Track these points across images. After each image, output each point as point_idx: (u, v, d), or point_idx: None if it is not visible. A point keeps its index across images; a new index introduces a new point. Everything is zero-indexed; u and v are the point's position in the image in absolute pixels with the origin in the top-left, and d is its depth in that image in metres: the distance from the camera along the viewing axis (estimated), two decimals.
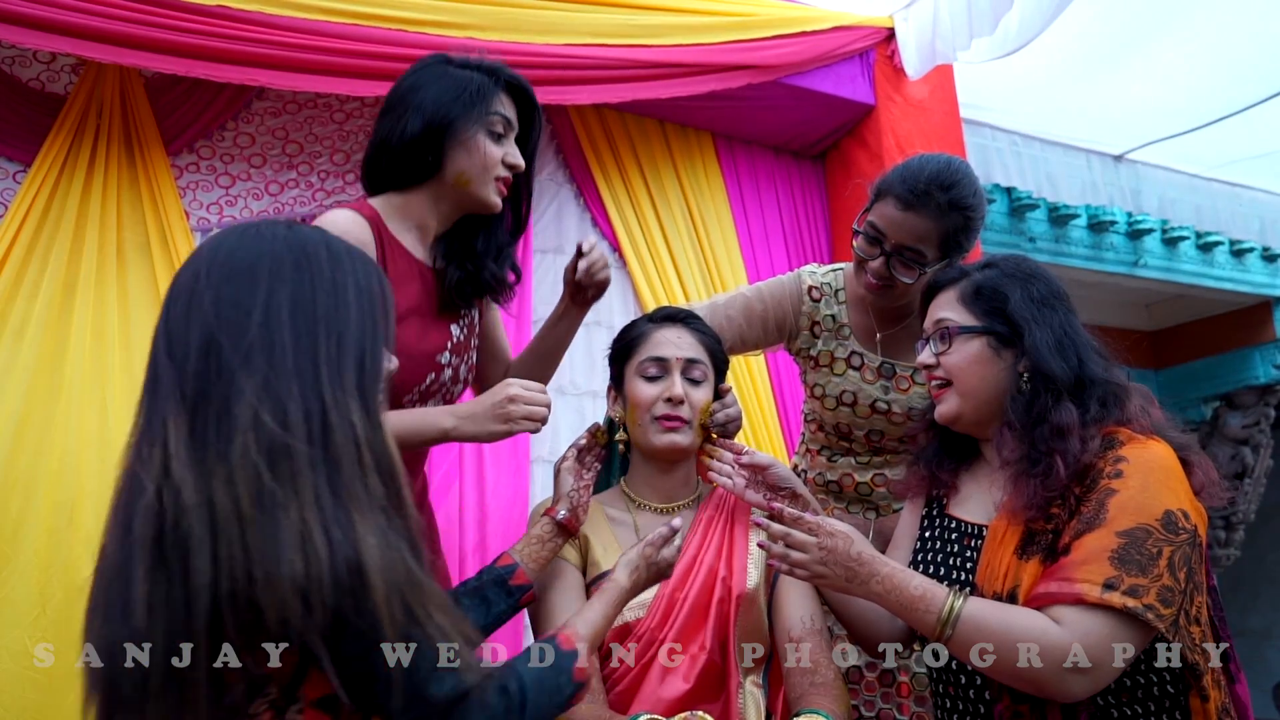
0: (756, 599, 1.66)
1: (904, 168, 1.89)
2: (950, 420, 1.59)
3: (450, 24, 2.76)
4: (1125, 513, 1.36)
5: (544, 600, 1.64)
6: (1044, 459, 1.44)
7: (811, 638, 1.62)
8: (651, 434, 1.70)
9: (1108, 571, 1.32)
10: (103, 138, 2.66)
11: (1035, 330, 1.52)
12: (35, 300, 2.49)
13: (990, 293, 1.57)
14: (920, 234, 1.84)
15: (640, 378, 1.72)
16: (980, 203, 1.89)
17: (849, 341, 2.04)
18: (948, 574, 1.54)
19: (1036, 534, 1.43)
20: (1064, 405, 1.47)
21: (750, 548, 1.70)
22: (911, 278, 1.88)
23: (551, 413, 3.09)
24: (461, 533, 2.79)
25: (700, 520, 1.73)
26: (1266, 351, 5.50)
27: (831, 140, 3.75)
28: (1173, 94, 4.07)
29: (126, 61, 2.45)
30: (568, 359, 3.20)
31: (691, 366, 1.72)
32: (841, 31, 3.47)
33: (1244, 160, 4.67)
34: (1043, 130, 4.35)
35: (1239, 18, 3.59)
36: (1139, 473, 1.40)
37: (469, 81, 1.68)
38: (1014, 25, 3.26)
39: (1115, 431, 1.46)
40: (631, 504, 1.76)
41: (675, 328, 1.75)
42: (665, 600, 1.63)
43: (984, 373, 1.55)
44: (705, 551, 1.68)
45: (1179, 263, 5.04)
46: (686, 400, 1.69)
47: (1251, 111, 4.14)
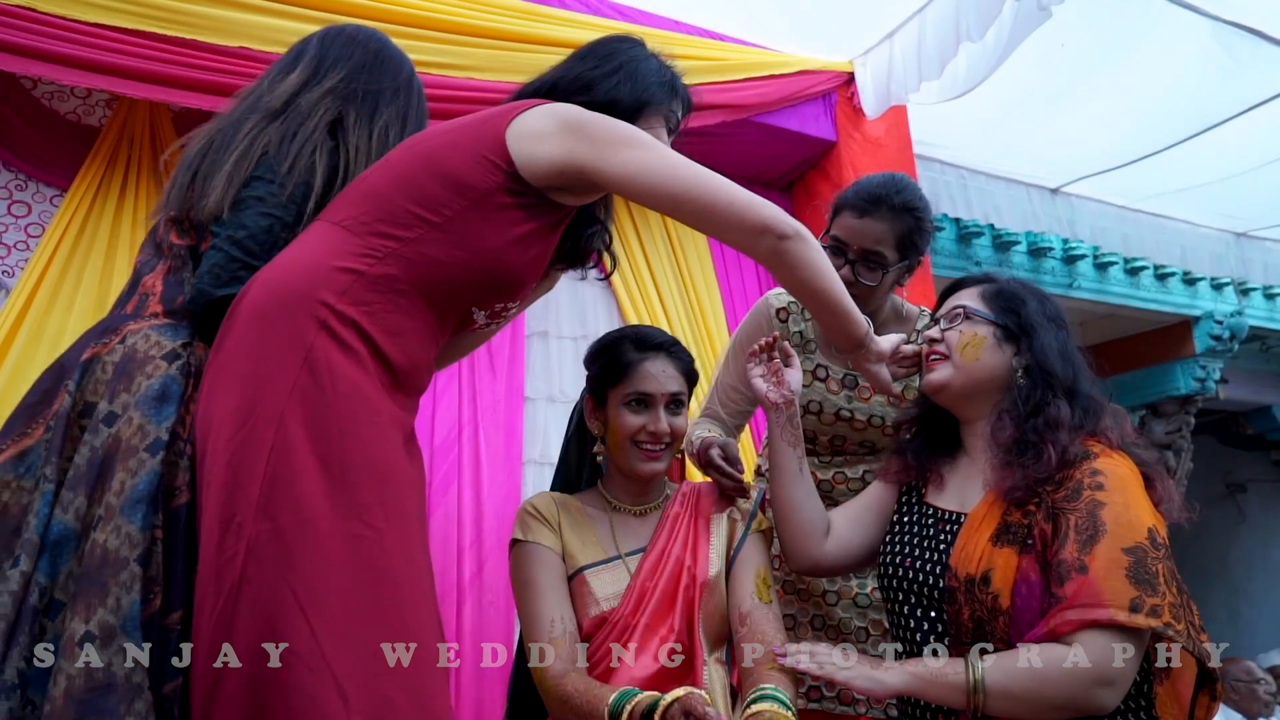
0: (718, 586, 1.67)
1: (855, 184, 1.95)
2: (937, 388, 1.59)
3: (452, 65, 2.76)
4: (1121, 527, 1.34)
5: (530, 585, 1.64)
6: (1033, 447, 1.44)
7: (758, 610, 1.63)
8: (633, 460, 1.71)
9: (1129, 591, 1.29)
10: (133, 167, 2.65)
11: (1044, 335, 1.54)
12: (70, 313, 2.48)
13: (1010, 296, 1.60)
14: (878, 236, 1.87)
15: (624, 407, 1.71)
16: (926, 206, 1.93)
17: (814, 355, 2.05)
18: (924, 555, 1.52)
19: (1012, 525, 1.42)
20: (1060, 402, 1.48)
21: (712, 539, 1.71)
22: (875, 280, 1.89)
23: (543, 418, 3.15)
24: (460, 529, 2.78)
25: (668, 516, 1.74)
26: (1186, 365, 5.54)
27: (797, 173, 3.77)
28: (1104, 134, 4.12)
29: (156, 97, 2.46)
30: (557, 367, 3.23)
31: (673, 399, 1.72)
32: (806, 75, 3.49)
33: (1167, 194, 4.72)
34: (987, 165, 4.39)
35: (1161, 69, 3.65)
36: (1119, 488, 1.38)
37: (666, 73, 1.58)
38: (961, 72, 3.30)
39: (1088, 443, 1.46)
40: (608, 505, 1.78)
41: (660, 359, 1.73)
42: (636, 590, 1.64)
43: (982, 355, 1.55)
44: (672, 544, 1.70)
45: (1109, 285, 5.07)
46: (669, 430, 1.70)
47: (1173, 150, 4.20)
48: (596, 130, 1.33)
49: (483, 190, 1.29)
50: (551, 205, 1.37)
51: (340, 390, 1.18)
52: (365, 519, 1.15)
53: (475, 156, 1.30)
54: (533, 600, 1.63)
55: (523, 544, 1.68)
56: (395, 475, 1.21)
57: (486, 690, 2.64)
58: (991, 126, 4.00)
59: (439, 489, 2.79)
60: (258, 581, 1.09)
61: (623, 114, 1.45)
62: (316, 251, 1.27)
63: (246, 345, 1.20)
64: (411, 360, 1.29)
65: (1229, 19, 3.42)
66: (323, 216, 1.34)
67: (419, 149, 1.35)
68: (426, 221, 1.28)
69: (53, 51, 2.29)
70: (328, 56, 1.50)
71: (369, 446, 1.18)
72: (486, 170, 1.30)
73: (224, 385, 1.19)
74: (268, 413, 1.15)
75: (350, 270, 1.24)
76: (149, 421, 1.21)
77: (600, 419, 1.77)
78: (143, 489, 1.16)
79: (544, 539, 1.68)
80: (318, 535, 1.11)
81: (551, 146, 1.31)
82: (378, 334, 1.23)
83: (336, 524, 1.13)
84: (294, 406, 1.15)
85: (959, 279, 1.71)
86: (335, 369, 1.18)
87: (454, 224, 1.28)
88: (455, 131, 1.36)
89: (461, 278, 1.31)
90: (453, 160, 1.31)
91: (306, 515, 1.12)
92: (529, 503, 1.75)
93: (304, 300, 1.21)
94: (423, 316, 1.29)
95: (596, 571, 1.67)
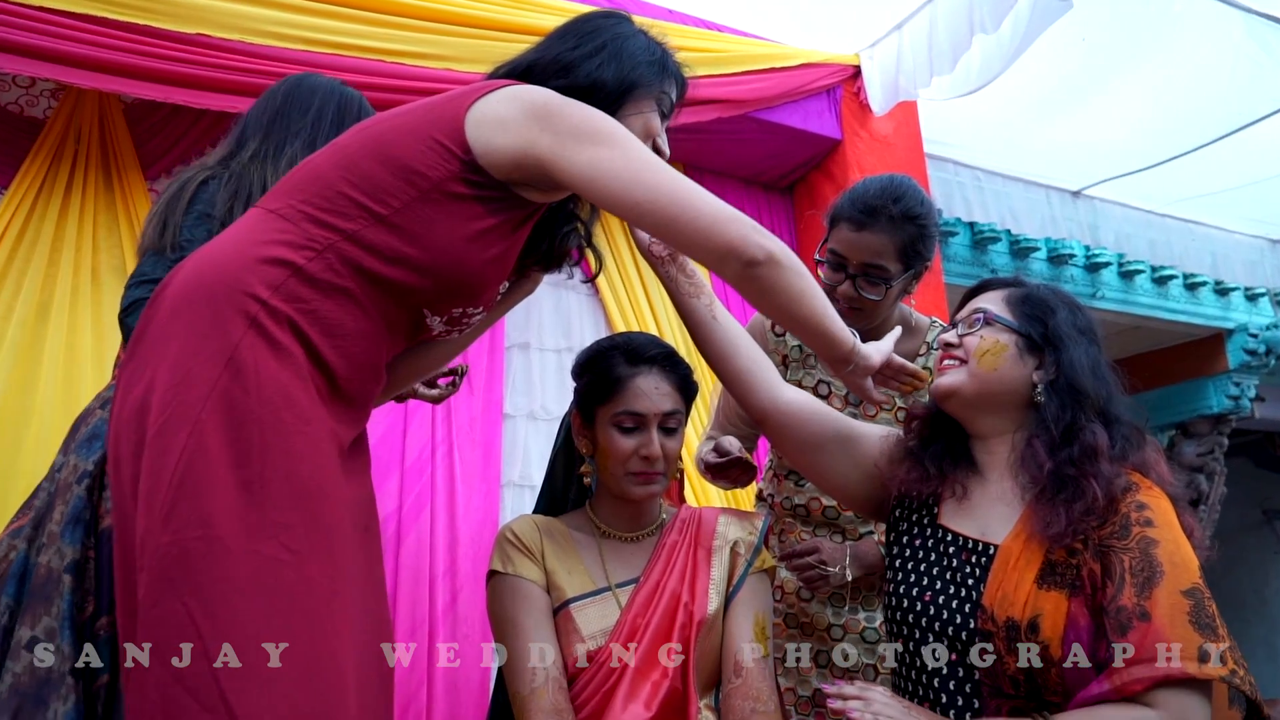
0: (716, 624, 1.65)
1: (851, 192, 1.93)
2: (947, 393, 1.55)
3: (427, 55, 2.78)
4: (1177, 568, 1.32)
5: (511, 624, 1.62)
6: (1072, 482, 1.40)
7: (756, 665, 1.61)
8: (625, 485, 1.68)
9: (1195, 639, 1.27)
10: (80, 162, 2.65)
11: (1074, 348, 1.50)
12: (9, 322, 2.47)
13: (1037, 302, 1.56)
14: (879, 249, 1.87)
15: (615, 428, 1.68)
16: (930, 211, 1.91)
17: (816, 370, 2.05)
18: (947, 590, 1.47)
19: (1058, 565, 1.38)
20: (1096, 426, 1.44)
21: (712, 573, 1.69)
22: (879, 295, 1.89)
23: (523, 437, 3.15)
24: (432, 556, 2.77)
25: (664, 545, 1.72)
26: (1219, 382, 5.57)
27: (799, 173, 3.79)
28: (1129, 134, 4.15)
29: (106, 87, 2.45)
30: (539, 382, 3.24)
31: (668, 418, 1.69)
32: (809, 68, 3.51)
33: (1196, 198, 4.76)
34: (1004, 166, 4.42)
35: (1191, 61, 3.68)
36: (1168, 525, 1.37)
37: (655, 50, 1.53)
38: (975, 65, 3.33)
39: (1128, 473, 1.43)
40: (597, 531, 1.75)
41: (653, 374, 1.70)
42: (627, 627, 1.61)
43: (1001, 365, 1.51)
44: (668, 576, 1.67)
45: (1135, 295, 5.10)
46: (663, 453, 1.68)
47: (1203, 151, 4.24)
48: (563, 121, 1.29)
49: (435, 179, 1.26)
50: (516, 200, 1.34)
51: (266, 394, 1.14)
52: (283, 541, 1.10)
53: (428, 141, 1.27)
54: (513, 641, 1.60)
55: (502, 576, 1.66)
56: (325, 493, 1.16)
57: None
58: (1008, 124, 4.03)
59: (410, 513, 2.79)
60: (154, 601, 1.06)
61: (609, 98, 1.42)
62: (247, 239, 1.23)
63: (165, 339, 1.16)
64: (353, 365, 1.25)
65: (1262, 10, 3.46)
66: (260, 203, 1.31)
67: (370, 131, 1.32)
68: (370, 212, 1.24)
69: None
70: (249, 123, 1.79)
71: (295, 460, 1.14)
72: (440, 157, 1.26)
73: (139, 382, 1.16)
74: (183, 414, 1.11)
75: (285, 262, 1.20)
76: (80, 459, 1.55)
77: (588, 438, 1.74)
78: (72, 512, 1.51)
79: (525, 570, 1.65)
80: (225, 556, 1.07)
81: (511, 136, 1.28)
82: (315, 334, 1.20)
83: (248, 544, 1.08)
84: (213, 409, 1.11)
85: (984, 280, 1.67)
86: (262, 370, 1.14)
87: (402, 216, 1.25)
88: (412, 113, 1.32)
89: (409, 277, 1.27)
90: (404, 144, 1.27)
91: (215, 532, 1.07)
92: (508, 528, 1.72)
93: (230, 291, 1.17)
94: (367, 318, 1.26)
95: (583, 605, 1.64)
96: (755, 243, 1.32)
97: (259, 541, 1.09)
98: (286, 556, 1.10)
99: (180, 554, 1.07)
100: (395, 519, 2.76)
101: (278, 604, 1.09)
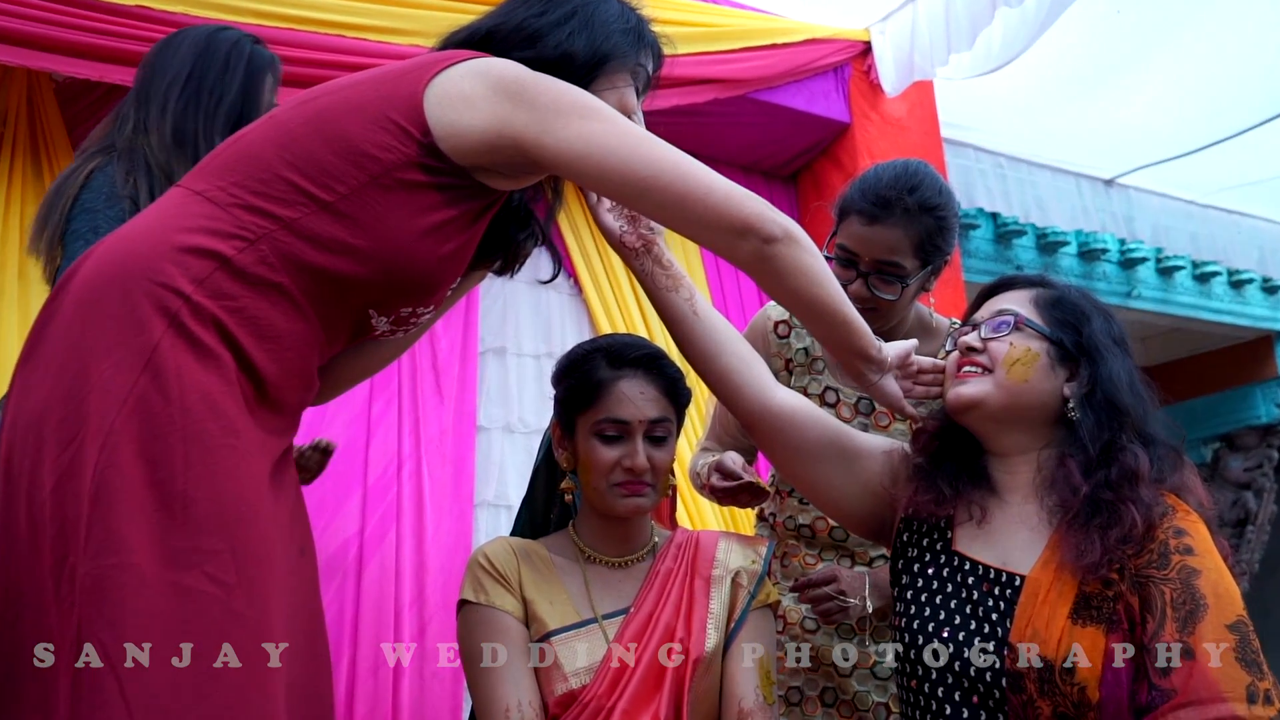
0: (714, 664, 1.64)
1: (862, 180, 1.92)
2: (968, 405, 1.52)
3: (395, 30, 2.77)
4: (1221, 601, 1.33)
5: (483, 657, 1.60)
6: (1109, 507, 1.39)
7: (761, 712, 1.61)
8: (610, 499, 1.67)
9: (1243, 678, 1.28)
10: (6, 147, 2.63)
11: (1112, 360, 1.49)
12: None
13: (1071, 307, 1.55)
14: (893, 245, 1.86)
15: (596, 437, 1.66)
16: (949, 200, 1.91)
17: (823, 376, 2.05)
18: (968, 625, 1.46)
19: (1093, 598, 1.38)
20: (1136, 448, 1.43)
21: (711, 604, 1.67)
22: (894, 294, 1.89)
23: (498, 452, 3.14)
24: (398, 584, 2.76)
25: (657, 572, 1.70)
26: (1268, 389, 5.59)
27: (804, 160, 3.80)
28: (1167, 116, 4.16)
29: (35, 65, 2.44)
30: (516, 391, 3.23)
31: (655, 426, 1.68)
32: (815, 44, 3.52)
33: (1242, 186, 4.79)
34: (1030, 152, 4.44)
35: (1235, 36, 3.69)
36: (1208, 553, 1.37)
37: (630, 17, 1.52)
38: (996, 41, 3.34)
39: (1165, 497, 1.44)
40: (581, 555, 1.74)
41: (638, 378, 1.68)
42: (615, 664, 1.59)
43: (1031, 376, 1.50)
44: (662, 608, 1.65)
45: (1174, 294, 5.13)
46: (650, 465, 1.66)
47: (1249, 135, 4.26)
48: (540, 95, 1.27)
49: (388, 164, 1.24)
50: (476, 189, 1.32)
51: (189, 402, 1.11)
52: (208, 570, 1.08)
53: (381, 120, 1.24)
54: (486, 681, 1.59)
55: (474, 607, 1.64)
56: (255, 514, 1.14)
57: None
58: (1033, 106, 4.05)
59: (373, 537, 2.77)
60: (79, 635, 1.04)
61: (579, 71, 1.40)
62: (168, 223, 1.20)
63: (71, 337, 1.13)
64: (286, 371, 1.23)
65: None
66: (182, 182, 1.28)
67: (312, 105, 1.29)
68: (312, 198, 1.22)
69: None
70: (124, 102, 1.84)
71: (222, 478, 1.12)
72: (395, 138, 1.24)
73: (39, 385, 1.13)
74: (95, 424, 1.08)
75: (211, 253, 1.17)
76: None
77: (568, 450, 1.73)
78: None
79: (500, 600, 1.64)
80: (140, 586, 1.05)
81: (482, 115, 1.26)
82: (244, 336, 1.18)
83: (166, 573, 1.06)
84: (129, 419, 1.09)
85: (1005, 277, 1.66)
86: (185, 376, 1.12)
87: (349, 204, 1.22)
88: (358, 87, 1.30)
89: (355, 273, 1.25)
90: (352, 123, 1.24)
91: (131, 559, 1.05)
92: (481, 552, 1.71)
93: (147, 284, 1.14)
94: (304, 318, 1.24)
95: (566, 639, 1.62)
96: (774, 218, 1.33)
97: (180, 571, 1.07)
98: (211, 589, 1.09)
99: (94, 584, 1.05)
100: (356, 543, 2.75)
101: (201, 644, 1.07)
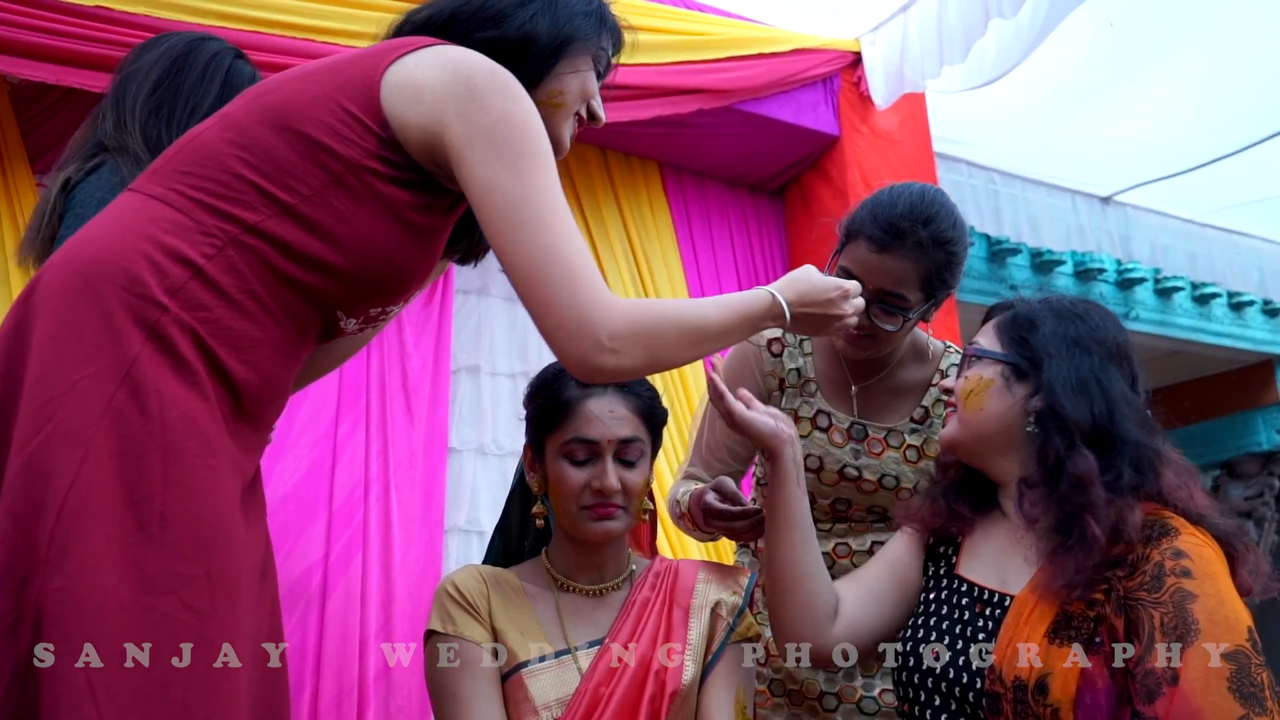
0: (690, 696, 1.64)
1: (874, 203, 1.90)
2: (949, 445, 1.61)
3: (362, 35, 2.75)
4: (1217, 626, 1.32)
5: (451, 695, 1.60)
6: (1074, 523, 1.41)
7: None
8: (580, 523, 1.67)
9: (1234, 709, 1.27)
10: None
11: (1053, 365, 1.51)
12: None
13: (1023, 322, 1.58)
14: (900, 276, 1.85)
15: (564, 459, 1.67)
16: (962, 234, 1.91)
17: (815, 399, 2.04)
18: (955, 644, 1.49)
19: (1074, 618, 1.39)
20: (1079, 452, 1.45)
21: (690, 636, 1.67)
22: (894, 325, 1.88)
23: (470, 475, 3.12)
24: (363, 615, 2.73)
25: (634, 601, 1.71)
26: (1269, 415, 5.62)
27: (791, 174, 3.81)
28: (1166, 131, 4.19)
29: None
30: (490, 411, 3.22)
31: (626, 447, 1.68)
32: (803, 55, 3.54)
33: (1242, 205, 4.83)
34: (1024, 168, 4.46)
35: (1235, 49, 3.72)
36: (1208, 575, 1.36)
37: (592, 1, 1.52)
38: (990, 54, 3.36)
39: (1160, 513, 1.44)
40: (554, 583, 1.74)
41: (607, 397, 1.69)
42: (588, 697, 1.59)
43: (985, 403, 1.55)
44: (639, 639, 1.65)
45: (1173, 316, 5.16)
46: (621, 488, 1.67)
47: (1250, 152, 4.29)
48: (483, 111, 1.24)
49: (348, 159, 1.22)
50: (439, 185, 1.31)
51: (169, 419, 1.10)
52: (184, 597, 1.08)
53: (336, 111, 1.23)
54: (453, 714, 1.59)
55: (441, 637, 1.64)
56: (230, 540, 1.14)
57: None
58: (1027, 121, 4.08)
59: (338, 563, 2.75)
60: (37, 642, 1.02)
61: (542, 53, 1.40)
62: (131, 228, 1.18)
63: (42, 341, 1.12)
64: (264, 382, 1.23)
65: None
66: (134, 186, 1.26)
67: (266, 98, 1.27)
68: (274, 200, 1.20)
69: None
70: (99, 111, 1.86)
71: (201, 501, 1.11)
72: (353, 131, 1.23)
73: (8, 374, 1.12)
74: (72, 433, 1.07)
75: (184, 260, 1.16)
76: None
77: (539, 473, 1.74)
78: None
79: (468, 631, 1.63)
80: (114, 608, 1.04)
81: (424, 109, 1.24)
82: (220, 348, 1.17)
83: (141, 598, 1.05)
84: (105, 433, 1.07)
85: (989, 309, 1.70)
86: (165, 391, 1.11)
87: (312, 205, 1.21)
88: (314, 77, 1.28)
89: (326, 278, 1.24)
90: (307, 115, 1.23)
91: (105, 581, 1.04)
92: (449, 581, 1.71)
93: (122, 292, 1.13)
94: (277, 325, 1.23)
95: (537, 671, 1.63)
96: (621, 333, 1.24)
97: (155, 595, 1.06)
98: (187, 617, 1.08)
99: (75, 601, 1.03)
100: (320, 570, 2.72)
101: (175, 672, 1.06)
